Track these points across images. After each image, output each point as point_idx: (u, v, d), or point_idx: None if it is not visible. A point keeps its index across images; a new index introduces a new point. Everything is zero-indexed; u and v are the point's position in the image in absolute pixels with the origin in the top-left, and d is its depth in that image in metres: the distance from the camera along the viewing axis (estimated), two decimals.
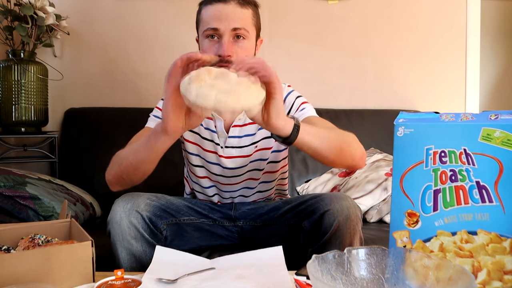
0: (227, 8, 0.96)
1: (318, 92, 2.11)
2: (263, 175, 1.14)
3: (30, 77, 1.68)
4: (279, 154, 1.14)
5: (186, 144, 1.12)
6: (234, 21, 0.96)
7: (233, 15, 0.96)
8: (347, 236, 0.89)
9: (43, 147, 1.81)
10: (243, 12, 0.98)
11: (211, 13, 0.97)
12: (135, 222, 0.91)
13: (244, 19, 0.98)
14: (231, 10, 0.96)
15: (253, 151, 1.10)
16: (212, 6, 0.97)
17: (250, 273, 0.78)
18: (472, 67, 2.21)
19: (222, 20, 0.95)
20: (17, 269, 0.68)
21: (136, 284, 0.69)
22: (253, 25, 1.01)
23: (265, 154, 1.12)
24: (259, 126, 1.09)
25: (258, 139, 1.10)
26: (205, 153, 1.09)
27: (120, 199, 0.94)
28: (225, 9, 0.96)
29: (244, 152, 1.09)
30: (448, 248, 0.63)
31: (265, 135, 1.10)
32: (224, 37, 0.96)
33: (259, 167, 1.12)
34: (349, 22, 2.12)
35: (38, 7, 1.64)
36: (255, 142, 1.09)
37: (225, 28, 0.95)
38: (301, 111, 1.08)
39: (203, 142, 1.10)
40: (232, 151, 1.08)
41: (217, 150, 1.08)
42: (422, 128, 0.67)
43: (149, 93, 1.99)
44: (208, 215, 1.11)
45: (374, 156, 1.76)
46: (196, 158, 1.11)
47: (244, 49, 0.98)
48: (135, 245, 0.91)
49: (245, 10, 0.98)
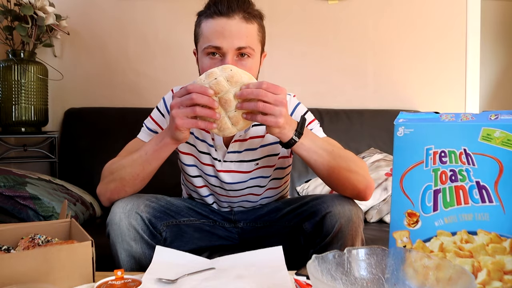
0: (231, 24, 0.87)
1: (318, 92, 2.11)
2: (265, 192, 1.10)
3: (30, 77, 1.68)
4: (282, 171, 1.10)
5: (182, 156, 1.07)
6: (238, 39, 0.87)
7: (237, 32, 0.87)
8: (349, 238, 0.89)
9: (43, 147, 1.82)
10: (248, 28, 0.89)
11: (213, 29, 0.88)
12: (134, 223, 0.90)
13: (249, 36, 0.89)
14: (235, 26, 0.87)
15: (253, 168, 1.04)
16: (214, 21, 0.88)
17: (250, 273, 0.78)
18: (472, 67, 2.21)
19: (226, 38, 0.87)
20: (17, 269, 0.68)
21: (136, 284, 0.68)
22: (258, 41, 0.93)
23: (268, 172, 1.07)
24: (262, 143, 1.04)
25: (258, 156, 1.04)
26: (202, 166, 1.05)
27: (120, 201, 0.93)
28: (229, 25, 0.87)
29: (243, 168, 1.04)
30: (448, 248, 0.63)
31: (267, 153, 1.04)
32: (227, 57, 0.88)
33: (261, 184, 1.07)
34: (349, 22, 2.12)
35: (38, 7, 1.64)
36: (256, 160, 1.04)
37: (228, 47, 0.87)
38: None
39: (200, 155, 1.05)
40: (231, 165, 1.03)
41: (214, 164, 1.03)
42: (422, 128, 0.67)
43: (149, 93, 1.99)
44: (208, 216, 1.11)
45: (374, 156, 1.76)
46: (193, 168, 1.07)
47: (248, 68, 0.89)
48: (134, 247, 0.90)
49: (250, 25, 0.90)
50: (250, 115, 0.80)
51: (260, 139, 1.03)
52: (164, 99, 1.07)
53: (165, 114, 1.05)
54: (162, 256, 0.84)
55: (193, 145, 1.05)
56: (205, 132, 1.03)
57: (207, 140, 1.03)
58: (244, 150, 1.03)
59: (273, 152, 1.05)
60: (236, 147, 1.02)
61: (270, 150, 1.04)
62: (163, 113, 1.05)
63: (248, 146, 1.03)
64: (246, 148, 1.03)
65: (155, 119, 1.05)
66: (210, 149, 1.03)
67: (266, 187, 1.09)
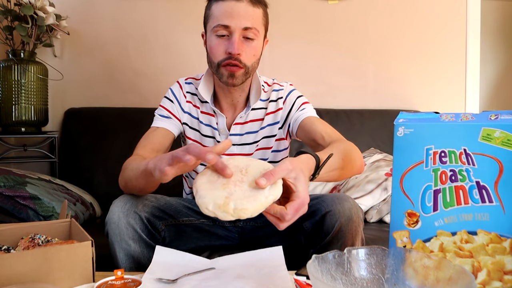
0: (240, 6, 0.96)
1: (318, 92, 2.11)
2: None
3: (30, 77, 1.68)
4: (278, 154, 1.14)
5: (188, 141, 1.13)
6: (245, 19, 0.96)
7: (245, 14, 0.96)
8: (349, 237, 0.89)
9: (43, 147, 1.82)
10: (254, 11, 0.97)
11: (222, 10, 0.96)
12: (133, 223, 0.90)
13: (255, 19, 0.98)
14: (243, 8, 0.96)
15: (254, 149, 1.10)
16: (224, 3, 0.96)
17: (250, 273, 0.77)
18: (472, 67, 2.21)
19: (234, 18, 0.95)
20: (17, 269, 0.68)
21: (136, 284, 0.68)
22: (263, 25, 1.01)
23: (265, 154, 1.12)
24: (261, 125, 1.11)
25: (259, 138, 1.11)
26: None
27: (119, 200, 0.93)
28: (237, 7, 0.95)
29: (245, 150, 1.10)
30: (448, 248, 0.63)
31: (265, 134, 1.11)
32: (234, 35, 0.96)
33: None
34: (349, 22, 2.12)
35: (38, 7, 1.64)
36: (257, 141, 1.10)
37: (236, 26, 0.95)
38: (301, 111, 1.08)
39: (204, 139, 1.11)
40: (233, 148, 1.09)
41: None
42: (422, 128, 0.67)
43: (149, 93, 1.99)
44: (208, 216, 1.11)
45: (374, 156, 1.76)
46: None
47: (253, 48, 0.99)
48: (133, 246, 0.90)
49: (257, 9, 0.98)
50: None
51: (260, 122, 1.11)
52: (171, 88, 1.15)
53: (174, 101, 1.12)
54: (162, 256, 0.83)
55: (198, 130, 1.12)
56: (211, 116, 1.10)
57: (212, 124, 1.10)
58: (245, 133, 1.10)
59: (270, 134, 1.11)
60: (237, 129, 1.09)
61: (268, 131, 1.11)
62: (171, 99, 1.12)
63: (249, 129, 1.11)
64: (247, 131, 1.10)
65: (165, 106, 1.12)
66: (215, 132, 1.10)
67: None
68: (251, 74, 1.04)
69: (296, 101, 1.10)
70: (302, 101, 1.11)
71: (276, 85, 1.14)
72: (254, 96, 1.09)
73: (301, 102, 1.11)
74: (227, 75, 1.00)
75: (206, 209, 0.64)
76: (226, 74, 1.00)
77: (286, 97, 1.11)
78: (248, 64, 1.00)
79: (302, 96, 1.13)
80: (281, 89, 1.13)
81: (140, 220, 0.92)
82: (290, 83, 1.15)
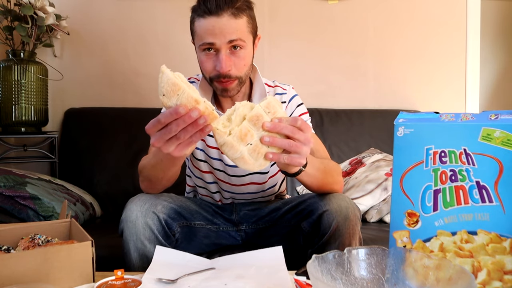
0: (221, 22, 0.92)
1: (318, 92, 2.11)
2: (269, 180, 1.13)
3: (30, 77, 1.68)
4: None
5: None
6: (229, 33, 0.93)
7: (227, 28, 0.92)
8: (346, 236, 0.89)
9: (43, 147, 1.82)
10: (237, 22, 0.93)
11: (204, 28, 0.93)
12: (150, 223, 0.90)
13: (239, 30, 0.94)
14: (224, 23, 0.92)
15: None
16: (205, 20, 0.93)
17: (250, 273, 0.78)
18: (472, 67, 2.21)
19: (217, 35, 0.92)
20: (17, 269, 0.68)
21: (136, 284, 0.68)
22: (249, 32, 0.98)
23: None
24: None
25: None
26: (208, 149, 1.09)
27: (137, 198, 0.93)
28: (219, 23, 0.92)
29: None
30: (448, 248, 0.63)
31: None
32: (221, 52, 0.94)
33: (264, 170, 1.10)
34: (349, 22, 2.12)
35: (38, 7, 1.64)
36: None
37: (221, 42, 0.93)
38: None
39: (206, 137, 1.09)
40: None
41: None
42: (422, 128, 0.67)
43: (149, 93, 1.99)
44: (212, 220, 1.10)
45: (374, 156, 1.76)
46: (201, 152, 1.11)
47: (242, 58, 0.97)
48: (148, 247, 0.90)
49: (240, 20, 0.94)
50: (276, 155, 0.71)
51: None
52: None
53: None
54: (162, 256, 0.84)
55: None
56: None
57: None
58: None
59: None
60: None
61: None
62: None
63: None
64: None
65: None
66: None
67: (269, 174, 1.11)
68: (245, 81, 1.03)
69: (295, 110, 1.10)
70: (301, 112, 1.11)
71: (278, 88, 1.12)
72: (258, 99, 1.08)
73: (299, 112, 1.10)
74: (220, 89, 1.00)
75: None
76: (220, 88, 1.00)
77: (289, 102, 1.11)
78: (240, 74, 0.99)
79: (302, 104, 1.12)
80: (284, 93, 1.12)
81: (158, 221, 0.92)
82: (292, 86, 1.15)
